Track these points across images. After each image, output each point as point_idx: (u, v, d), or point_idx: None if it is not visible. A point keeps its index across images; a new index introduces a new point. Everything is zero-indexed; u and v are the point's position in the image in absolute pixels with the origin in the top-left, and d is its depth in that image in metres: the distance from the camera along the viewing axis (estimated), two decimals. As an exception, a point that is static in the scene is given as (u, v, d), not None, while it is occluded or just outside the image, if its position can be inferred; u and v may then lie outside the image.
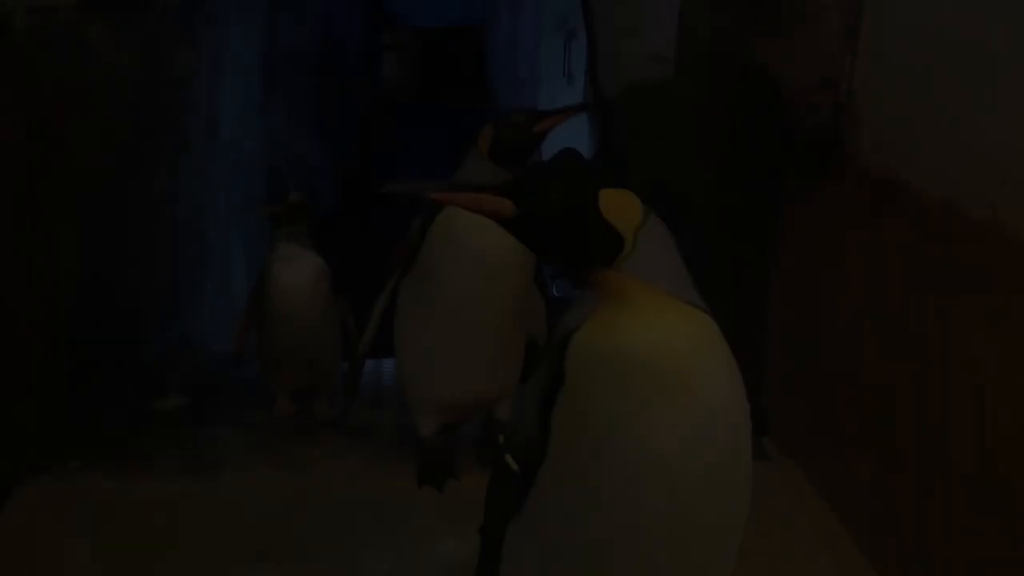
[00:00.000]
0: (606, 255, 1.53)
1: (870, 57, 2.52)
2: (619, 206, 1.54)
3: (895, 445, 2.37)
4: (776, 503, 2.81)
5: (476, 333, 2.74)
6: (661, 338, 1.49)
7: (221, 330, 5.22)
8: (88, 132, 3.27)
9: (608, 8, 5.49)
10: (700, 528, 1.57)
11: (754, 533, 2.56)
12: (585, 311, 1.54)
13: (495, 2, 11.92)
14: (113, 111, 3.48)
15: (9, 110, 2.79)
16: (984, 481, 2.00)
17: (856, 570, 2.48)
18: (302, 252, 3.38)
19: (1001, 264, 1.93)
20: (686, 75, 3.73)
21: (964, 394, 2.05)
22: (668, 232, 1.59)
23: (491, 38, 12.28)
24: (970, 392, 2.03)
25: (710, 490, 1.55)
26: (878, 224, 2.45)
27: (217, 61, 5.15)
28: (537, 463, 1.60)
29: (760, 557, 2.51)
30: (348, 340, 3.47)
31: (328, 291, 3.43)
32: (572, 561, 1.60)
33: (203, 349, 4.76)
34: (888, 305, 2.37)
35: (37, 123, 2.95)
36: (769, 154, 3.07)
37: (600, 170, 5.50)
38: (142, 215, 3.97)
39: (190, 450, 3.10)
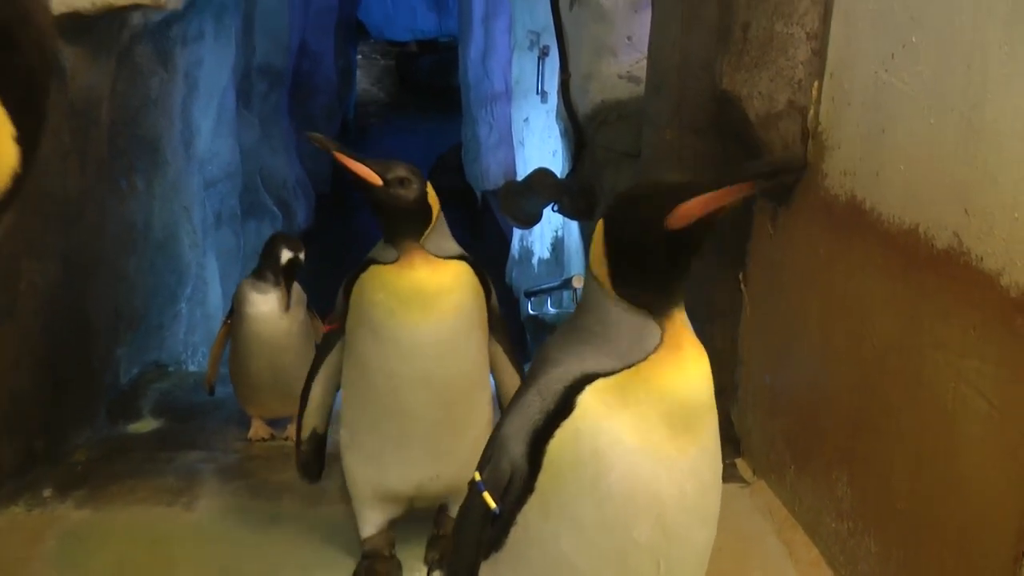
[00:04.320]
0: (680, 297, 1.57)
1: (836, 85, 2.56)
2: None
3: (865, 467, 2.39)
4: (749, 523, 2.84)
5: (403, 416, 2.38)
6: (695, 391, 1.54)
7: (197, 352, 5.20)
8: (62, 154, 3.26)
9: (581, 27, 5.53)
10: (682, 559, 1.60)
11: (728, 552, 2.60)
12: (627, 357, 1.52)
13: (469, 18, 11.95)
14: (87, 132, 3.47)
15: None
16: (953, 503, 2.03)
17: (827, 590, 2.51)
18: (275, 279, 3.38)
19: (965, 291, 1.97)
20: (656, 96, 3.75)
21: (932, 418, 2.08)
22: None
23: (464, 53, 12.29)
24: (938, 416, 2.06)
25: (693, 522, 1.58)
26: (846, 250, 2.48)
27: (192, 81, 5.14)
28: (522, 500, 1.59)
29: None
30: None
31: (302, 316, 3.43)
32: None
33: (178, 371, 4.74)
34: (856, 330, 2.40)
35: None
36: (738, 178, 3.09)
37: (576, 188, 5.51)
38: (117, 237, 3.96)
39: (164, 477, 3.09)
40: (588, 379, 1.53)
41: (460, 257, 2.37)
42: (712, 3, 3.15)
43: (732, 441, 3.21)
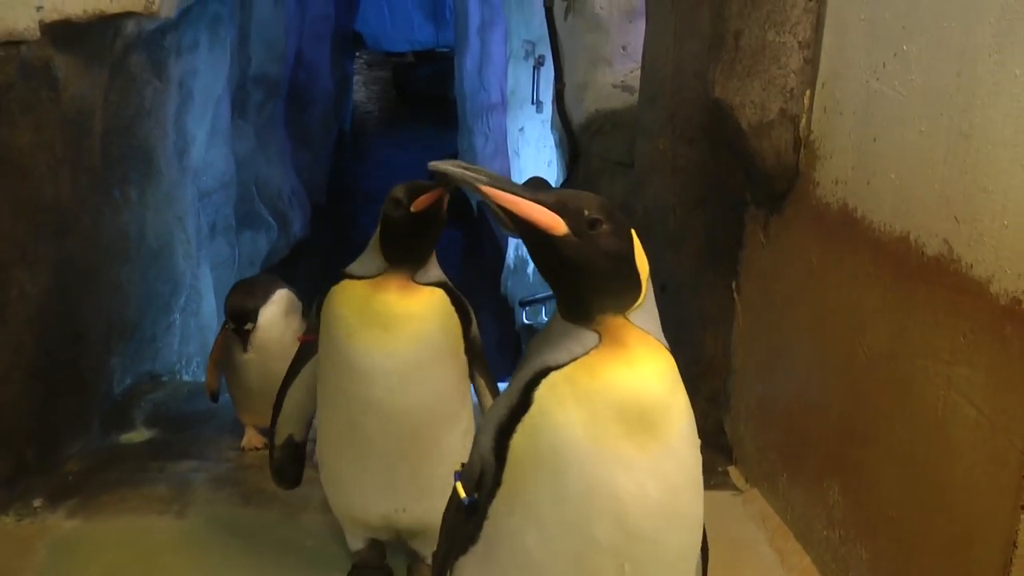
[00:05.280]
0: (623, 303, 1.54)
1: (828, 94, 2.57)
2: (640, 255, 1.56)
3: (856, 475, 2.39)
4: (742, 530, 2.84)
5: (360, 442, 2.28)
6: (644, 385, 1.51)
7: (191, 362, 5.19)
8: (54, 163, 3.26)
9: (576, 37, 5.55)
10: (652, 563, 1.57)
11: (721, 560, 2.59)
12: (574, 352, 1.53)
13: (465, 29, 11.97)
14: (80, 142, 3.47)
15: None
16: (943, 510, 2.03)
17: (819, 597, 2.51)
18: (275, 282, 3.39)
19: (955, 299, 1.97)
20: (650, 105, 3.76)
21: (922, 426, 2.08)
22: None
23: (460, 64, 12.32)
24: (928, 423, 2.06)
25: (660, 524, 1.55)
26: (838, 258, 2.48)
27: (186, 91, 5.14)
28: (492, 494, 1.59)
29: (725, 586, 2.54)
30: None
31: (296, 324, 3.42)
32: None
33: (172, 382, 4.73)
34: (848, 338, 2.40)
35: (2, 155, 2.94)
36: (731, 185, 3.10)
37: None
38: (110, 247, 3.96)
39: (155, 485, 3.08)
40: (543, 373, 1.54)
41: (439, 284, 2.26)
42: (705, 12, 3.16)
43: (725, 449, 3.22)
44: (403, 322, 2.18)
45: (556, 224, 1.47)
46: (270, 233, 8.65)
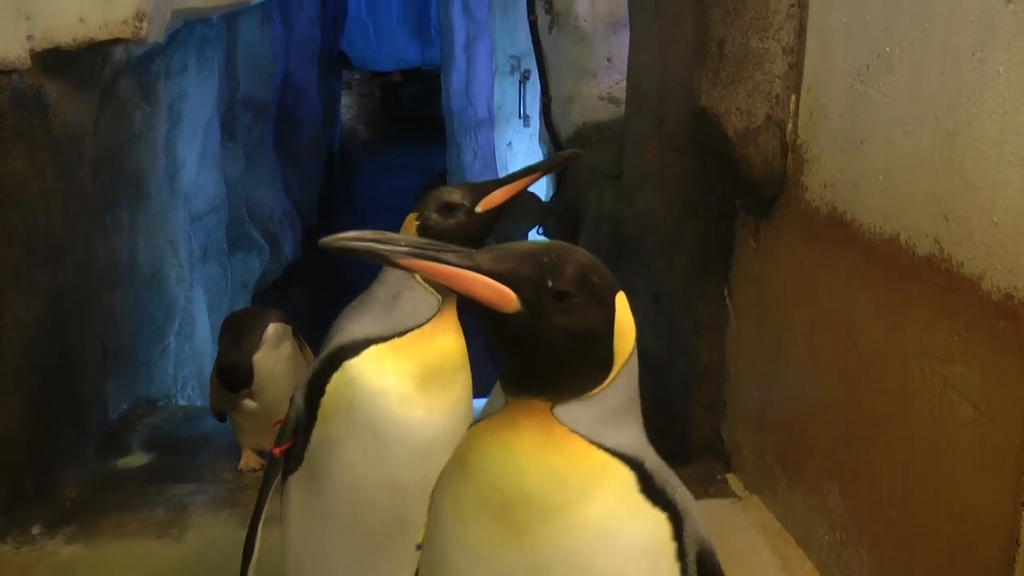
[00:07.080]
0: (576, 388, 1.21)
1: (814, 98, 2.58)
2: (624, 331, 1.22)
3: (855, 478, 2.39)
4: (743, 537, 2.83)
5: (402, 539, 1.75)
6: (512, 473, 1.21)
7: (186, 386, 5.18)
8: (46, 190, 3.26)
9: (560, 51, 5.57)
10: None
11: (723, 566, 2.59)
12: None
13: (450, 45, 12.01)
14: (72, 169, 3.47)
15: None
16: (943, 509, 2.03)
17: (821, 602, 2.50)
18: (260, 318, 3.39)
19: (948, 298, 1.98)
20: (637, 116, 3.78)
21: (919, 425, 2.09)
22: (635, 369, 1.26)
23: (447, 81, 12.35)
24: (925, 423, 2.06)
25: None
26: (829, 261, 2.49)
27: (176, 114, 5.15)
28: None
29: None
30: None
31: (291, 349, 3.42)
32: None
33: (168, 406, 4.72)
34: (842, 340, 2.41)
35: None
36: (721, 193, 3.11)
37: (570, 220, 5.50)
38: (103, 272, 3.95)
39: (153, 509, 3.07)
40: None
41: None
42: (688, 21, 3.17)
43: (723, 457, 3.21)
44: (458, 372, 1.80)
45: (504, 301, 1.15)
46: (262, 255, 8.64)
